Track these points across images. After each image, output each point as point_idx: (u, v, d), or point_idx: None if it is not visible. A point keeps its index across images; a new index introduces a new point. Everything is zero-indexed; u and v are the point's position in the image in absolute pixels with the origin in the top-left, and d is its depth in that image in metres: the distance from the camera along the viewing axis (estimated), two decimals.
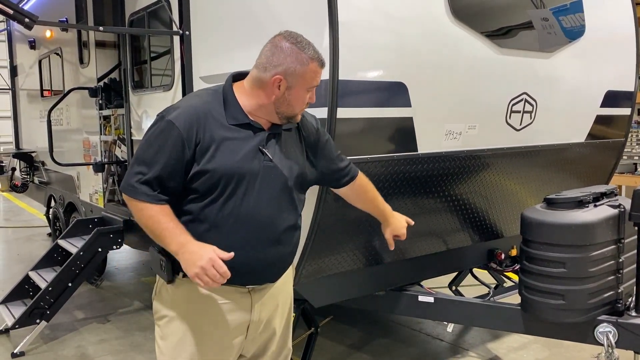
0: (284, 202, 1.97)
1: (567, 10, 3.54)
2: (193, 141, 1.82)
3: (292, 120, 1.96)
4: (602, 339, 2.67)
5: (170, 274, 1.93)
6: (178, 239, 1.80)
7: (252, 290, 1.99)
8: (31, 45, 6.88)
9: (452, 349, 4.15)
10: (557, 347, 4.02)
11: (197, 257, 1.75)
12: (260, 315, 2.03)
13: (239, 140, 1.88)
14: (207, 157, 1.83)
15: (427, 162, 2.98)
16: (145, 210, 1.84)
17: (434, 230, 3.36)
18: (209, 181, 1.84)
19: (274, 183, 1.92)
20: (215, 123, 1.86)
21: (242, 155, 1.87)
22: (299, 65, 1.86)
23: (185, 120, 1.83)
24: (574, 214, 2.69)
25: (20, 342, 4.14)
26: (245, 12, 3.06)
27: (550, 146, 3.61)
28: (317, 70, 1.91)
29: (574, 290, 2.65)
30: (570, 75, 3.59)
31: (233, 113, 1.89)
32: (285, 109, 1.91)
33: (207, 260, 1.74)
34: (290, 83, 1.87)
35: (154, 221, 1.83)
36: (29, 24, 3.15)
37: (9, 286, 4.99)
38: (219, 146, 1.84)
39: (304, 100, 1.93)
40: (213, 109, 1.88)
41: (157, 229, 1.83)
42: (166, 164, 1.82)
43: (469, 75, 3.02)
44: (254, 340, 2.07)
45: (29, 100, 7.64)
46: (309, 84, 1.91)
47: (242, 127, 1.89)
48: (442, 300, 3.24)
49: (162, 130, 1.84)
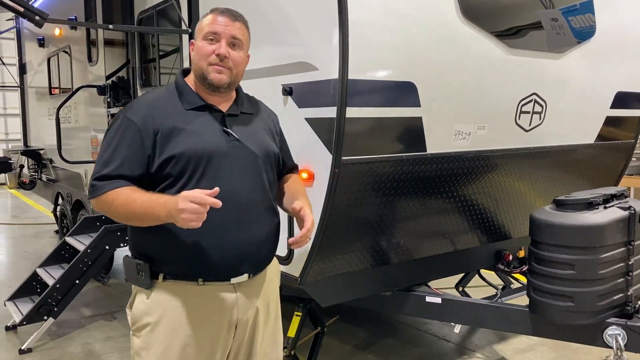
0: (257, 182, 1.95)
1: (576, 11, 3.52)
2: (151, 131, 1.82)
3: (207, 79, 1.88)
4: (611, 342, 2.65)
5: (148, 278, 1.87)
6: (160, 203, 1.72)
7: (237, 286, 1.93)
8: (40, 43, 6.92)
9: (459, 350, 4.13)
10: (565, 349, 4.00)
11: (174, 207, 1.66)
12: (247, 314, 1.97)
13: (200, 123, 1.89)
14: (172, 144, 1.82)
15: (436, 162, 2.96)
16: (116, 199, 1.78)
17: (442, 231, 3.34)
18: (179, 165, 1.82)
19: (244, 162, 1.91)
20: (172, 112, 1.87)
21: (207, 136, 1.87)
22: (199, 21, 1.93)
23: (140, 113, 1.86)
24: (584, 216, 2.67)
25: (28, 338, 4.16)
26: (254, 11, 3.05)
27: (559, 147, 3.59)
28: (213, 18, 1.90)
29: (583, 292, 2.63)
30: (580, 76, 3.57)
31: (188, 98, 1.92)
32: (195, 66, 1.91)
33: (181, 199, 1.65)
34: (195, 39, 1.92)
35: (129, 203, 1.76)
36: (39, 22, 3.16)
37: (16, 283, 5.02)
38: (182, 131, 1.84)
39: (202, 49, 1.88)
40: (168, 100, 1.91)
41: (136, 208, 1.76)
42: (126, 157, 1.82)
43: (478, 75, 3.01)
44: (243, 340, 2.00)
45: (37, 97, 7.68)
46: (202, 32, 1.89)
47: (200, 110, 1.91)
48: (449, 301, 3.22)
49: (119, 128, 1.86)
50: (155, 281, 1.88)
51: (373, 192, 2.81)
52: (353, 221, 2.86)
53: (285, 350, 3.22)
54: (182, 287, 1.88)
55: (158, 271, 1.88)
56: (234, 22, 1.91)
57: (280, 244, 2.94)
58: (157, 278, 1.88)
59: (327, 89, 2.57)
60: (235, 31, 1.90)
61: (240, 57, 1.94)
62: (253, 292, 1.99)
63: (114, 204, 1.80)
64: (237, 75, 1.95)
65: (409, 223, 3.13)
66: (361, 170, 2.69)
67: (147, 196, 1.77)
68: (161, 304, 1.88)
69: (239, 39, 1.92)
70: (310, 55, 2.67)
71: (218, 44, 1.88)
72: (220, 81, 1.89)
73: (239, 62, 1.93)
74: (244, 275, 1.94)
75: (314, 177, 2.73)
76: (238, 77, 1.96)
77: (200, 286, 1.88)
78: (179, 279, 1.88)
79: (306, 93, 2.73)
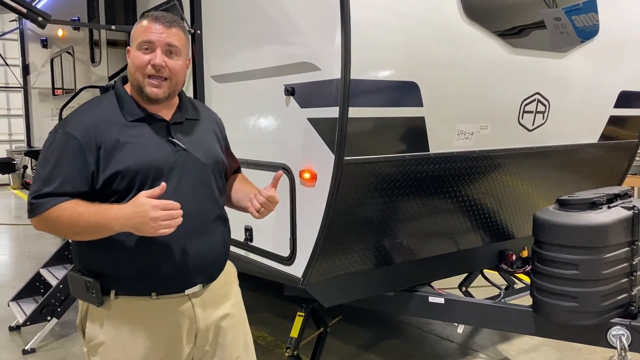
0: (207, 191, 1.91)
1: (579, 10, 3.51)
2: (94, 146, 1.74)
3: (144, 92, 1.81)
4: (615, 342, 2.64)
5: (100, 295, 1.80)
6: (111, 215, 1.66)
7: (192, 296, 1.89)
8: (43, 44, 6.94)
9: (462, 350, 4.13)
10: (569, 349, 3.98)
11: (140, 216, 1.61)
12: (207, 322, 1.93)
13: (145, 135, 1.81)
14: (116, 159, 1.75)
15: (439, 162, 2.96)
16: (61, 215, 1.70)
17: (445, 231, 3.34)
18: (125, 181, 1.75)
19: (192, 172, 1.86)
20: (114, 124, 1.79)
21: (153, 149, 1.80)
22: (133, 27, 1.84)
23: (81, 127, 1.76)
24: (587, 216, 2.67)
25: (31, 338, 4.17)
26: (256, 11, 3.06)
27: (562, 147, 3.58)
28: (147, 25, 1.80)
29: (586, 292, 2.62)
30: (584, 76, 3.56)
31: (129, 110, 1.83)
32: (130, 77, 1.84)
33: (151, 209, 1.61)
34: (130, 47, 1.83)
35: (75, 217, 1.69)
36: (42, 23, 3.17)
37: (20, 283, 5.03)
38: (125, 145, 1.76)
39: (137, 60, 1.80)
40: (109, 112, 1.82)
41: (84, 221, 1.68)
42: (68, 175, 1.72)
43: (481, 75, 3.00)
44: (206, 348, 1.96)
45: (40, 98, 7.70)
46: (136, 40, 1.80)
47: (143, 122, 1.83)
48: (452, 301, 3.21)
49: (59, 143, 1.76)
50: (106, 298, 1.82)
51: (376, 192, 2.81)
52: (356, 221, 2.85)
53: (288, 350, 3.22)
54: (135, 303, 1.83)
55: (109, 288, 1.81)
56: (170, 28, 1.81)
57: (283, 245, 2.96)
58: (108, 295, 1.82)
59: (330, 89, 2.56)
60: (171, 38, 1.81)
61: (179, 64, 1.85)
62: (209, 299, 1.95)
63: (59, 220, 1.71)
64: (177, 84, 1.87)
65: (412, 223, 3.13)
66: (364, 171, 2.68)
67: (93, 208, 1.70)
68: (115, 321, 1.83)
69: (176, 46, 1.83)
70: (313, 55, 2.66)
71: (153, 54, 1.79)
72: (157, 95, 1.82)
73: (177, 70, 1.84)
74: (198, 286, 1.91)
75: (316, 178, 2.72)
76: (178, 86, 1.89)
77: (154, 300, 1.83)
78: (131, 294, 1.83)
79: (308, 93, 2.72)
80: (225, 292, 2.03)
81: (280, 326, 4.53)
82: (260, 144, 3.14)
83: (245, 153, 3.22)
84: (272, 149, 3.02)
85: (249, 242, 3.26)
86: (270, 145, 3.05)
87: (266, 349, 4.15)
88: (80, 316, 1.92)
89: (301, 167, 2.80)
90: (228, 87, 3.41)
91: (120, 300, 1.82)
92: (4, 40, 12.40)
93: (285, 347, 3.25)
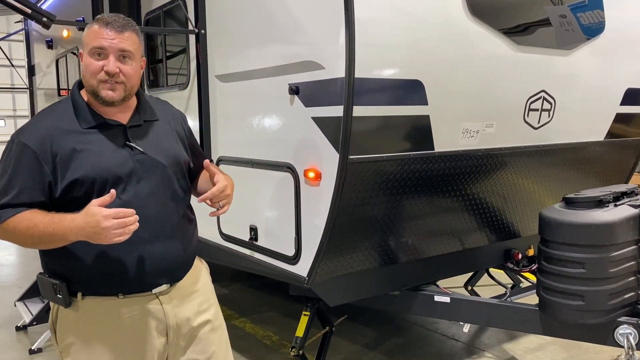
0: (168, 193, 1.91)
1: (585, 7, 3.49)
2: (49, 156, 1.74)
3: (99, 96, 1.80)
4: (622, 341, 2.62)
5: (67, 297, 1.81)
6: (65, 225, 1.67)
7: (160, 294, 1.91)
8: (48, 45, 6.95)
9: (468, 349, 4.11)
10: (575, 348, 3.96)
11: (92, 226, 1.62)
12: (177, 318, 1.94)
13: (101, 142, 1.81)
14: (73, 167, 1.75)
15: (444, 160, 2.95)
16: (18, 226, 1.70)
17: (450, 230, 3.33)
18: (83, 189, 1.75)
19: (152, 175, 1.86)
20: (69, 133, 1.79)
21: (109, 155, 1.79)
22: (85, 31, 1.82)
23: (36, 137, 1.75)
24: (594, 214, 2.65)
25: (38, 338, 4.18)
26: (260, 10, 3.06)
27: (568, 145, 3.56)
28: (98, 31, 1.78)
29: (593, 291, 2.61)
30: (590, 73, 3.54)
31: (84, 117, 1.83)
32: (85, 82, 1.83)
33: (102, 219, 1.61)
34: (83, 51, 1.82)
35: (31, 228, 1.69)
36: (47, 23, 3.17)
37: (26, 283, 5.06)
38: (81, 152, 1.76)
39: (90, 66, 1.79)
40: (64, 120, 1.81)
41: (40, 232, 1.69)
42: (24, 185, 1.73)
43: (486, 73, 2.99)
44: (179, 344, 1.97)
45: (46, 99, 7.72)
46: (88, 46, 1.79)
47: (99, 128, 1.83)
48: (458, 300, 3.20)
49: (15, 153, 1.75)
50: (74, 299, 1.83)
51: (380, 191, 2.80)
52: (361, 220, 2.85)
53: (293, 349, 3.22)
54: (102, 303, 1.84)
55: (76, 290, 1.83)
56: (122, 33, 1.80)
57: (288, 244, 2.96)
58: (75, 296, 1.83)
59: (334, 87, 2.56)
60: (123, 43, 1.80)
61: (133, 68, 1.84)
62: (178, 296, 1.96)
63: (15, 231, 1.72)
64: (132, 87, 1.87)
65: (417, 222, 3.12)
66: (368, 169, 2.68)
67: (49, 218, 1.70)
68: (84, 321, 1.85)
69: (129, 50, 1.82)
70: (317, 54, 2.66)
71: (106, 60, 1.79)
72: (112, 98, 1.82)
73: (132, 74, 1.84)
74: (164, 285, 1.93)
75: (321, 177, 2.72)
76: (133, 89, 1.88)
77: (121, 299, 1.85)
78: (98, 295, 1.84)
79: (313, 92, 2.72)
80: (195, 288, 2.05)
81: (285, 325, 4.53)
82: (264, 144, 3.14)
83: (249, 152, 3.23)
84: (277, 148, 3.02)
85: (254, 242, 3.26)
86: (275, 144, 3.04)
87: (272, 348, 4.15)
88: (52, 318, 1.93)
89: (306, 167, 2.79)
90: (232, 86, 3.41)
91: (87, 301, 1.84)
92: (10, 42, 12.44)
93: (291, 347, 3.25)
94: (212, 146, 3.60)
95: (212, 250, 3.66)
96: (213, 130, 3.60)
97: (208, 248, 3.67)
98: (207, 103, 3.60)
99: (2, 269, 6.69)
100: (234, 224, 3.47)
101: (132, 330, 1.87)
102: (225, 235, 3.57)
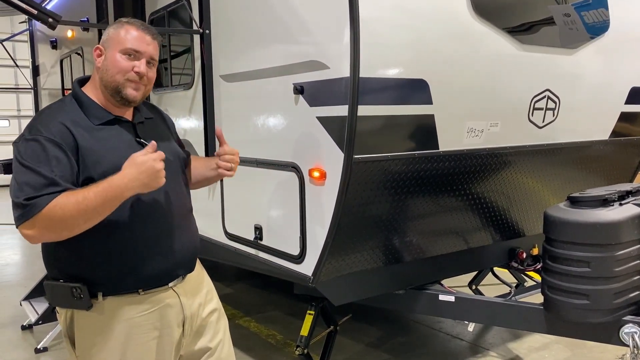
0: (178, 186, 2.01)
1: (589, 6, 3.48)
2: (73, 148, 1.74)
3: (122, 93, 1.86)
4: (628, 340, 2.62)
5: (88, 299, 1.80)
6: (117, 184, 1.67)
7: (175, 287, 1.97)
8: (53, 45, 6.97)
9: (472, 348, 4.11)
10: (580, 347, 3.96)
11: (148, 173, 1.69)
12: (191, 310, 2.02)
13: (115, 138, 1.85)
14: (92, 162, 1.76)
15: (448, 160, 2.95)
16: (66, 206, 1.63)
17: (455, 229, 3.33)
18: None
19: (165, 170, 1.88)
20: (84, 128, 1.80)
21: (125, 151, 1.79)
22: (113, 29, 1.88)
23: (56, 131, 1.74)
24: (599, 213, 2.65)
25: (43, 337, 4.20)
26: (265, 10, 3.07)
27: (573, 144, 3.56)
28: (133, 33, 1.86)
29: (598, 290, 2.61)
30: (594, 72, 3.53)
31: (95, 113, 1.85)
32: (107, 77, 1.85)
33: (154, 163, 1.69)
34: (106, 47, 1.87)
35: (82, 201, 1.64)
36: (53, 24, 3.18)
37: (32, 283, 5.07)
38: (98, 150, 1.78)
39: (121, 63, 1.84)
40: (74, 116, 1.82)
41: (92, 201, 1.64)
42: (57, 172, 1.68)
43: (491, 72, 2.99)
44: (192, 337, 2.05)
45: (50, 99, 7.74)
46: (122, 45, 1.84)
47: (109, 124, 1.87)
48: (463, 299, 3.21)
49: (39, 149, 1.70)
50: (94, 300, 1.82)
51: (385, 190, 2.81)
52: (365, 220, 2.85)
53: (298, 349, 3.23)
54: (124, 300, 1.85)
55: (95, 291, 1.81)
56: (154, 40, 1.91)
57: (293, 243, 2.96)
58: (95, 297, 1.82)
59: (339, 87, 2.56)
60: (154, 51, 1.91)
61: (154, 75, 1.95)
62: (189, 288, 2.04)
63: (65, 211, 1.63)
64: (148, 92, 1.97)
65: (422, 221, 3.12)
66: (373, 169, 2.68)
67: (94, 189, 1.66)
68: (106, 322, 1.84)
69: (155, 60, 1.93)
70: (321, 53, 2.66)
71: (138, 62, 1.86)
72: (135, 97, 1.88)
73: (152, 80, 1.94)
74: (179, 278, 1.99)
75: (325, 176, 2.72)
76: (147, 94, 1.98)
77: (142, 296, 1.88)
78: (118, 294, 1.84)
79: (317, 92, 2.72)
80: (200, 280, 2.14)
81: (290, 325, 4.54)
82: (269, 143, 3.14)
83: (254, 152, 3.23)
84: (281, 148, 3.02)
85: (258, 241, 3.26)
86: (279, 144, 3.05)
87: (276, 347, 4.16)
88: (66, 325, 1.91)
89: (310, 166, 2.80)
90: (237, 86, 3.41)
91: (108, 301, 1.84)
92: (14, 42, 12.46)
93: (296, 346, 3.26)
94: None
95: (216, 250, 3.66)
96: None
97: (213, 247, 3.68)
98: (211, 103, 3.61)
99: (7, 269, 6.71)
100: (239, 224, 3.47)
101: (154, 325, 1.91)
102: (230, 234, 3.58)
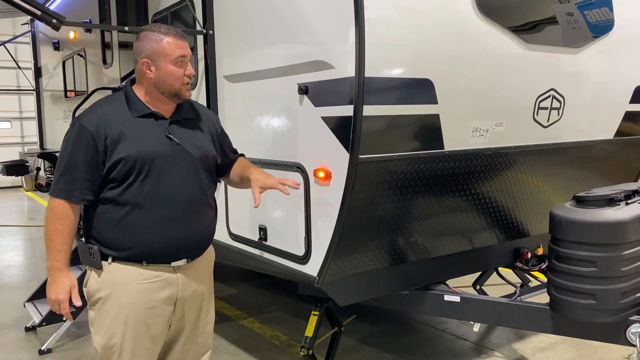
0: (195, 182, 2.22)
1: (592, 5, 3.47)
2: (102, 137, 2.07)
3: (180, 96, 2.19)
4: (634, 340, 2.61)
5: (99, 260, 2.16)
6: (51, 262, 2.13)
7: (177, 268, 2.22)
8: (55, 46, 6.99)
9: (477, 348, 4.10)
10: (585, 347, 3.95)
11: (54, 291, 2.15)
12: (185, 292, 2.25)
13: (146, 129, 2.14)
14: (120, 148, 2.08)
15: (454, 159, 2.94)
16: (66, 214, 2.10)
17: (460, 229, 3.32)
18: (125, 167, 2.08)
19: (184, 163, 2.18)
20: (121, 119, 2.12)
21: (151, 141, 2.13)
22: (154, 44, 2.13)
23: (93, 120, 2.09)
24: (605, 212, 2.64)
25: (47, 339, 4.20)
26: (269, 10, 3.06)
27: (578, 143, 3.55)
28: (175, 42, 2.14)
29: (605, 289, 2.60)
30: (599, 71, 3.52)
31: (136, 107, 2.16)
32: (165, 86, 2.15)
33: (59, 294, 2.14)
34: (155, 61, 2.13)
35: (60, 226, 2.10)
36: (57, 25, 3.19)
37: (35, 284, 5.07)
38: (129, 136, 2.09)
39: (176, 73, 2.15)
40: (118, 108, 2.16)
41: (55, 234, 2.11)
42: (84, 161, 2.08)
43: (496, 71, 2.98)
44: (183, 316, 2.29)
45: (52, 101, 7.75)
46: (170, 57, 2.13)
47: (146, 117, 2.16)
48: (468, 299, 3.20)
49: (76, 135, 2.10)
50: (104, 262, 2.17)
51: (390, 190, 2.80)
52: (370, 220, 2.84)
53: (303, 349, 3.23)
54: (128, 268, 2.16)
55: (107, 254, 2.16)
56: (186, 42, 2.19)
57: (298, 244, 2.96)
58: (106, 260, 2.17)
59: (344, 87, 2.56)
60: (189, 51, 2.21)
61: None
62: (191, 274, 2.28)
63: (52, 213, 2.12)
64: None
65: (427, 221, 3.11)
66: (378, 169, 2.67)
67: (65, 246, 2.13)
68: (110, 281, 2.17)
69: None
70: (326, 53, 2.66)
71: (186, 66, 2.18)
72: (190, 96, 2.24)
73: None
74: (183, 260, 2.23)
75: (330, 176, 2.72)
76: None
77: (144, 267, 2.17)
78: (125, 262, 2.16)
79: (322, 92, 2.72)
80: (207, 271, 2.41)
81: (294, 325, 4.53)
82: (274, 144, 3.14)
83: (259, 153, 3.23)
84: (286, 148, 3.02)
85: (263, 242, 3.26)
86: (284, 144, 3.05)
87: (280, 348, 4.16)
88: (85, 279, 2.27)
89: (315, 166, 2.79)
90: (241, 86, 3.41)
91: (115, 265, 2.17)
92: (16, 44, 12.48)
93: (300, 346, 3.25)
94: None
95: (221, 250, 3.64)
96: None
97: (217, 248, 3.65)
98: (215, 103, 3.60)
99: (10, 270, 6.71)
100: (243, 224, 3.47)
101: (148, 293, 2.17)
102: (234, 235, 3.57)
